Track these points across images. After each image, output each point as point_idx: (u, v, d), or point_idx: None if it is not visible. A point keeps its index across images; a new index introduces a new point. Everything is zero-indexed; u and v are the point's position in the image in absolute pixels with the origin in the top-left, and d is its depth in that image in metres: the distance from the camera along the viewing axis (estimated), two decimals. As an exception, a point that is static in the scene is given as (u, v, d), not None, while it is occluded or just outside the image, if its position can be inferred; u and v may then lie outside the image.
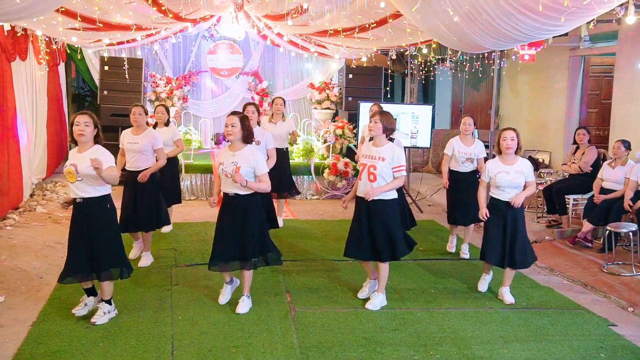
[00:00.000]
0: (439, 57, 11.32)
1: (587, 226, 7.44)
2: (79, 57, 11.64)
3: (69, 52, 11.55)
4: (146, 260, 6.52)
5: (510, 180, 5.46)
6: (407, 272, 6.52)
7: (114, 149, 9.03)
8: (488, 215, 5.54)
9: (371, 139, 5.37)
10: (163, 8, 7.04)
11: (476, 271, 6.40)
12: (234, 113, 5.16)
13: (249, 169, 5.05)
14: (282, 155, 7.91)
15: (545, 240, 7.91)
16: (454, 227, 7.23)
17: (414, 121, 9.70)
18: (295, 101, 13.21)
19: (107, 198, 4.84)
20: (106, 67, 10.92)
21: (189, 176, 10.09)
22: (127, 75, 10.47)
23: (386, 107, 9.95)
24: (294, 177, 10.12)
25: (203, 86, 12.96)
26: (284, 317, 5.16)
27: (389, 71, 12.26)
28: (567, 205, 8.15)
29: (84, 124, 4.67)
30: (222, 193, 5.27)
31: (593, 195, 7.54)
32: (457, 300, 5.70)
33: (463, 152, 6.76)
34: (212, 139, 11.78)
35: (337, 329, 4.93)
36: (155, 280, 6.05)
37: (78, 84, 14.07)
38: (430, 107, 9.79)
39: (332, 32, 7.71)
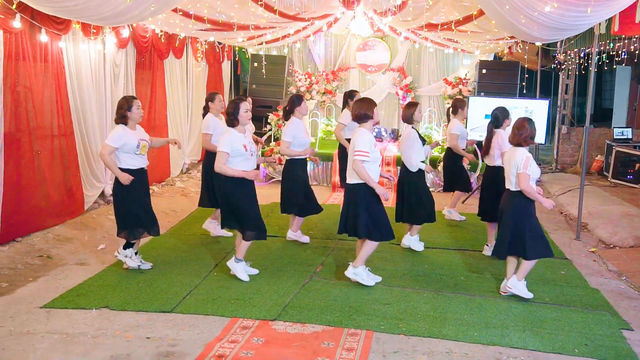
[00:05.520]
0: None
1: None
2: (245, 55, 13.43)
3: (237, 50, 13.26)
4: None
5: None
6: (462, 259, 6.62)
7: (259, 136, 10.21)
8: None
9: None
10: (275, 8, 7.90)
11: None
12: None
13: None
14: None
15: (644, 244, 7.25)
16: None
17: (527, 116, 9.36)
18: (438, 97, 13.31)
19: None
20: (255, 64, 12.33)
21: (310, 163, 10.90)
22: (264, 71, 11.68)
23: (496, 101, 9.79)
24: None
25: (351, 81, 13.75)
26: (296, 282, 5.70)
27: (528, 66, 11.78)
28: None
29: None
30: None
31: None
32: (477, 288, 5.68)
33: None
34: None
35: (333, 297, 5.32)
36: (218, 245, 6.97)
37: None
38: (547, 101, 9.37)
39: (414, 27, 7.95)
